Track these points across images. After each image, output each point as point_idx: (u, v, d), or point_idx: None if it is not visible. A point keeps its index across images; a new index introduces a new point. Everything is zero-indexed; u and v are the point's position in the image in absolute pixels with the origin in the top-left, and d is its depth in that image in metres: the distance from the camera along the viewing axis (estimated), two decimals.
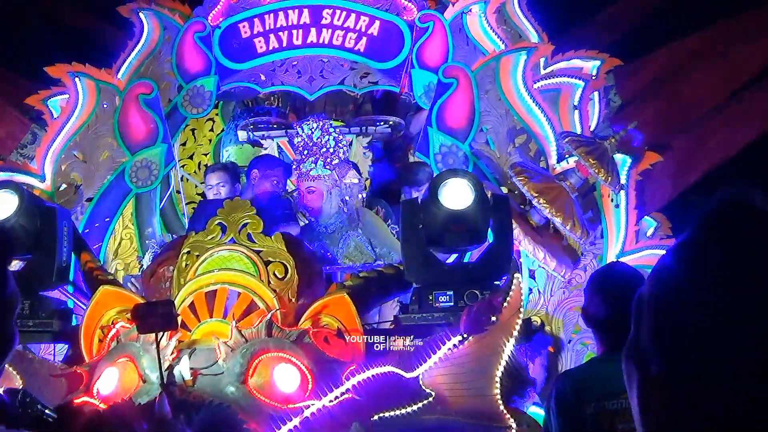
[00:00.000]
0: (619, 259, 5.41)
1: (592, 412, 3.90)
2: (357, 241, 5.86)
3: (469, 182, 4.49)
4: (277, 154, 6.79)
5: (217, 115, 6.69)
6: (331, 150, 5.93)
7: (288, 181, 6.51)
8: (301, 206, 6.12)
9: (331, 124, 6.04)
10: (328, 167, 5.91)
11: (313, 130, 5.97)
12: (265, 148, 6.71)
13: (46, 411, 2.12)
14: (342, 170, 5.96)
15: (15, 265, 4.48)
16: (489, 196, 4.52)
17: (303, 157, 6.01)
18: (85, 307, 4.49)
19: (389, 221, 6.19)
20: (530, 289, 5.38)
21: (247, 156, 6.71)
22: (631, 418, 3.65)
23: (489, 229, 4.44)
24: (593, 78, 5.98)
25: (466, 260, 4.76)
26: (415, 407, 3.87)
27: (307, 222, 6.15)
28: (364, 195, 6.21)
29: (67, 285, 4.76)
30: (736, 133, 6.29)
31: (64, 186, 5.97)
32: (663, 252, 4.51)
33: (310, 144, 5.94)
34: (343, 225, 5.89)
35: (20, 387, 2.31)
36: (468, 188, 4.44)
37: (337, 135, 6.01)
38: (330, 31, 6.23)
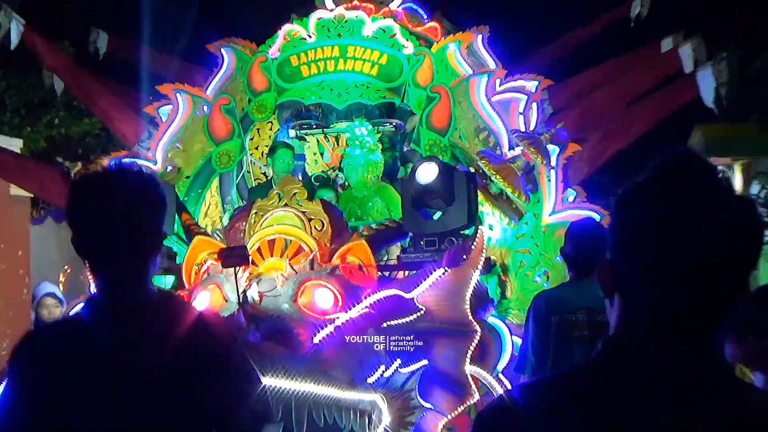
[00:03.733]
0: (550, 217, 5.38)
1: (557, 321, 3.91)
2: (379, 206, 5.81)
3: (433, 164, 4.50)
4: (316, 146, 6.74)
5: (275, 118, 6.59)
6: (368, 139, 5.91)
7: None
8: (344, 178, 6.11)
9: (368, 123, 6.03)
10: (364, 151, 5.91)
11: (359, 126, 5.93)
12: (308, 141, 6.65)
13: None
14: (373, 154, 5.96)
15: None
16: (454, 173, 4.52)
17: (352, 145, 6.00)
18: (184, 251, 4.47)
19: None
20: (489, 238, 5.34)
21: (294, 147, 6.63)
22: (582, 327, 3.62)
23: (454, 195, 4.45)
24: (533, 93, 5.93)
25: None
26: (411, 317, 3.87)
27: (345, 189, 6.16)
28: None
29: (173, 235, 4.76)
30: (629, 132, 6.26)
31: (170, 168, 5.94)
32: (580, 212, 4.44)
33: (357, 135, 5.92)
34: (371, 193, 5.84)
35: None
36: (433, 169, 4.44)
37: (372, 129, 6.00)
38: (353, 61, 6.18)
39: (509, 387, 3.90)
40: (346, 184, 6.09)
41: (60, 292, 6.51)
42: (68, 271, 8.51)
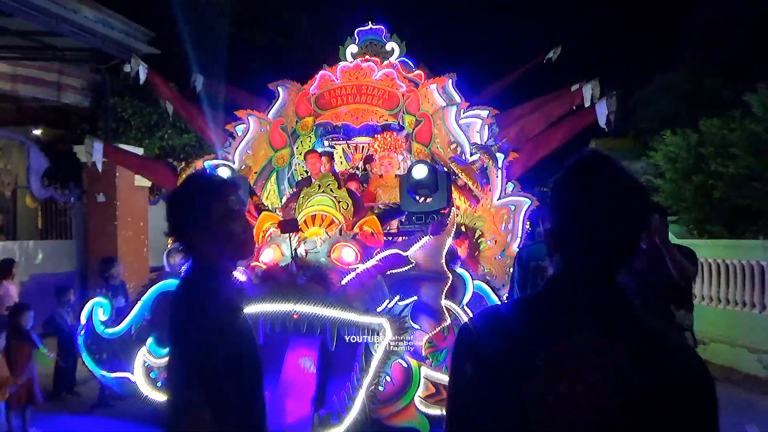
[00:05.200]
0: (497, 201, 5.31)
1: (533, 266, 3.83)
2: (396, 193, 5.62)
3: (425, 166, 4.49)
4: (342, 153, 6.61)
5: (313, 133, 6.49)
6: (399, 146, 5.70)
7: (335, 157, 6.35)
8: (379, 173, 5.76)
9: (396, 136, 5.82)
10: (396, 154, 5.70)
11: (386, 138, 5.66)
12: (336, 149, 6.51)
13: None
14: (398, 157, 5.76)
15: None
16: (438, 172, 4.48)
17: (382, 148, 5.69)
18: (255, 222, 4.41)
19: None
20: (457, 214, 5.28)
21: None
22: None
23: (437, 187, 4.40)
24: (486, 118, 5.84)
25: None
26: (406, 268, 3.85)
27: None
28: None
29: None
30: (549, 144, 6.14)
31: (243, 166, 5.85)
32: (517, 198, 4.30)
33: (387, 143, 5.64)
34: (393, 184, 5.66)
35: None
36: (425, 168, 4.43)
37: (400, 140, 5.81)
38: (366, 95, 6.07)
39: (470, 314, 3.89)
40: (377, 175, 5.78)
41: None
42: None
